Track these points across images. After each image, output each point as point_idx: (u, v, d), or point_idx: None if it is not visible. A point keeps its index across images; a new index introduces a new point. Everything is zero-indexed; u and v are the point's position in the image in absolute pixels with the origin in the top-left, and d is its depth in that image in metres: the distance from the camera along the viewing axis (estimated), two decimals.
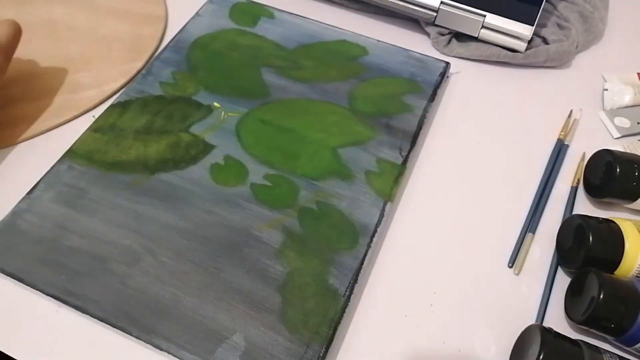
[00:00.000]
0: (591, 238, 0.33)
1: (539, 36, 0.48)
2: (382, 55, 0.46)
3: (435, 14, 0.47)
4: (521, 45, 0.46)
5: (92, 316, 0.31)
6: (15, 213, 0.35)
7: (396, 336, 0.33)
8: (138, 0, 0.51)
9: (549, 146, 0.42)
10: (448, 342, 0.33)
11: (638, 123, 0.44)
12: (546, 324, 0.33)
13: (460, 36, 0.49)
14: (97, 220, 0.35)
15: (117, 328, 0.31)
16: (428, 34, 0.49)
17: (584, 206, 0.39)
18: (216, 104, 0.42)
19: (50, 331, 0.32)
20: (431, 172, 0.40)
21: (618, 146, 0.41)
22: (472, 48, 0.48)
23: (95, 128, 0.40)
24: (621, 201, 0.37)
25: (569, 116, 0.44)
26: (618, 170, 0.36)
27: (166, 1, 0.51)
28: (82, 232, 0.34)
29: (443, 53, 0.48)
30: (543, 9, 0.47)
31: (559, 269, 0.36)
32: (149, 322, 0.31)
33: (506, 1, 0.46)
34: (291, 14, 0.49)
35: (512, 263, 0.36)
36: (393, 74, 0.45)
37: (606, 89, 0.46)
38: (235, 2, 0.50)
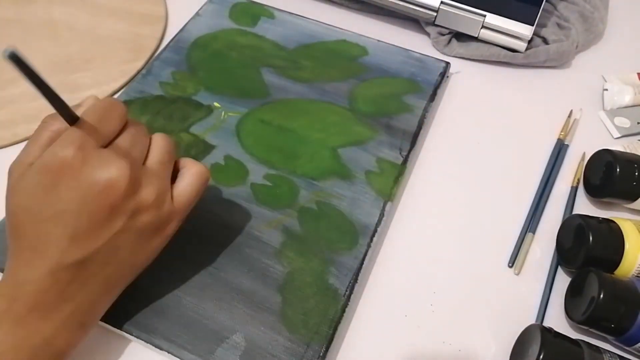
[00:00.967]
0: (591, 238, 0.33)
1: (539, 36, 0.48)
2: (382, 55, 0.46)
3: (435, 14, 0.47)
4: (521, 45, 0.46)
5: None
6: None
7: (396, 336, 0.33)
8: (138, 0, 0.51)
9: (549, 146, 0.42)
10: (448, 342, 0.33)
11: (638, 123, 0.44)
12: (546, 324, 0.33)
13: (460, 36, 0.49)
14: None
15: (117, 328, 0.31)
16: (428, 34, 0.49)
17: (584, 206, 0.39)
18: (216, 104, 0.42)
19: None
20: (431, 172, 0.40)
21: (618, 146, 0.41)
22: (472, 48, 0.48)
23: None
24: (621, 201, 0.38)
25: (569, 116, 0.44)
26: (618, 170, 0.36)
27: (166, 1, 0.51)
28: None
29: (443, 53, 0.48)
30: (543, 9, 0.47)
31: (559, 269, 0.36)
32: (149, 322, 0.31)
33: (506, 1, 0.46)
34: (291, 14, 0.49)
35: (512, 263, 0.36)
36: (393, 74, 0.45)
37: (606, 89, 0.46)
38: (235, 2, 0.50)
